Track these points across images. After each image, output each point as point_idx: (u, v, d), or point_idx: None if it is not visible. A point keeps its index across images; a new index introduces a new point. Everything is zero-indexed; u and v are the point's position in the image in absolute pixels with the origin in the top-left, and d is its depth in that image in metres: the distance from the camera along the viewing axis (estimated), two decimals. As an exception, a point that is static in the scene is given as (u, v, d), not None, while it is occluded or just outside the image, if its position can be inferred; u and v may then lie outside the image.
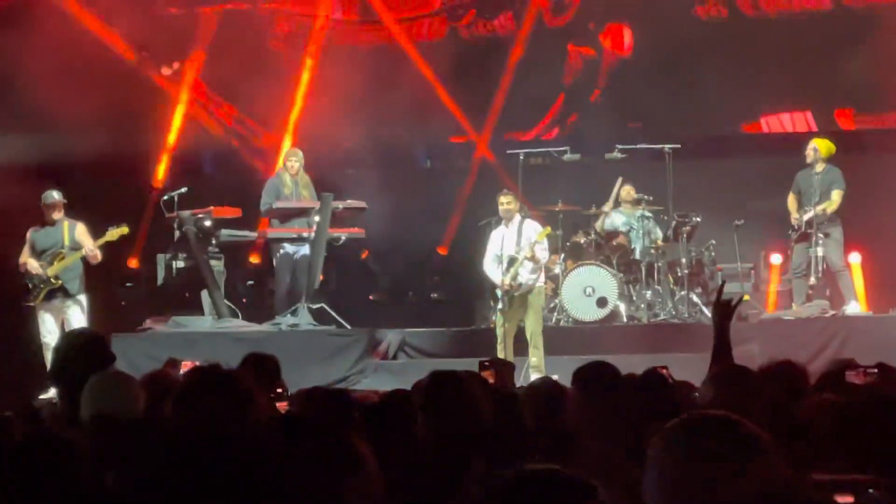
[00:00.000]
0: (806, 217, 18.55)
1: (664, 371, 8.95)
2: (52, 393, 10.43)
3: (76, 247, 17.65)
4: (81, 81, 20.67)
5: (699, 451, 3.96)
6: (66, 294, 17.64)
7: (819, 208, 18.55)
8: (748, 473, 3.91)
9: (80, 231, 17.76)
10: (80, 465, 5.27)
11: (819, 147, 18.82)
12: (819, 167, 18.74)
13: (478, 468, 6.28)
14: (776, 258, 20.49)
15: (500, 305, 17.51)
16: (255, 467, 4.32)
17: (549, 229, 17.86)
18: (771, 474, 3.93)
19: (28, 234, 18.02)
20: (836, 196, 18.50)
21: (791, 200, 18.90)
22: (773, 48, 22.98)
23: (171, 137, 23.18)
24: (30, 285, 17.77)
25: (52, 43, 20.76)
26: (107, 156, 21.02)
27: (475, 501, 3.87)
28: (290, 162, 19.29)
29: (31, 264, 17.64)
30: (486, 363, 10.49)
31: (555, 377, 9.62)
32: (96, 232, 18.02)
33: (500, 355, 16.90)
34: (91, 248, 17.59)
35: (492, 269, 17.63)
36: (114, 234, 17.80)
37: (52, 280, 17.61)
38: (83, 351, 8.12)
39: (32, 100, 20.41)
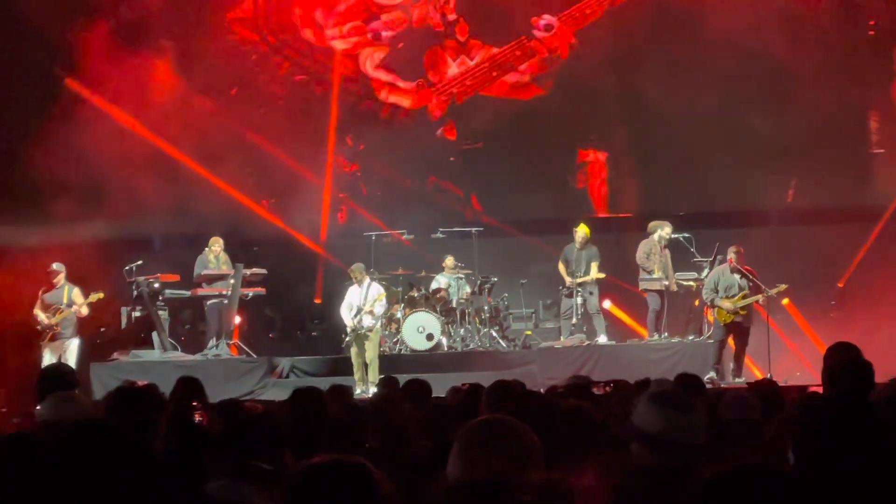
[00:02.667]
0: (577, 282, 20.58)
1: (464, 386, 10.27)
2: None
3: (72, 304, 19.71)
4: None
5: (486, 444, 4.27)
6: (65, 337, 19.74)
7: (587, 277, 20.61)
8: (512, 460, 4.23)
9: (76, 293, 19.79)
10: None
11: (583, 231, 20.89)
12: (580, 245, 20.85)
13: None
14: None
15: (347, 339, 19.83)
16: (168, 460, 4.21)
17: (384, 293, 19.96)
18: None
19: (39, 293, 19.70)
20: (594, 268, 20.70)
21: (561, 267, 20.81)
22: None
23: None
24: (39, 329, 19.73)
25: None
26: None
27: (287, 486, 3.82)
28: (214, 247, 21.10)
29: (40, 315, 19.63)
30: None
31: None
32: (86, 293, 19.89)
33: (356, 375, 19.42)
34: (82, 306, 19.73)
35: (345, 314, 19.99)
36: (93, 297, 19.89)
37: (55, 327, 19.69)
38: (52, 378, 8.66)
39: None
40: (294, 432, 7.04)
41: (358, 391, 18.13)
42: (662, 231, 20.60)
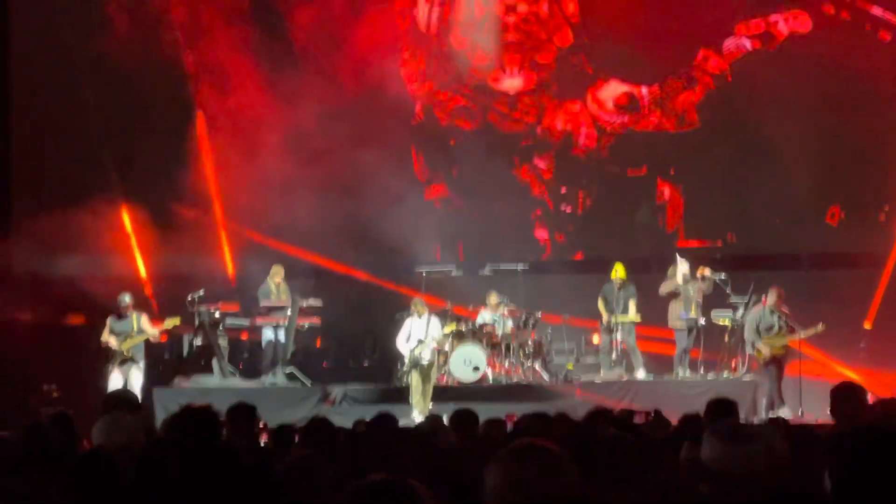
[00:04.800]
0: (615, 319, 20.60)
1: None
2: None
3: (141, 331, 19.71)
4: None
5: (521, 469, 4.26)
6: (133, 362, 19.73)
7: (624, 318, 20.58)
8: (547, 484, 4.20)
9: (145, 321, 19.78)
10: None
11: (620, 270, 20.88)
12: (619, 285, 20.83)
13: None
14: (596, 338, 21.75)
15: (406, 366, 19.85)
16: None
17: (453, 325, 20.11)
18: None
19: (108, 321, 19.75)
20: (633, 306, 20.66)
21: (600, 304, 20.80)
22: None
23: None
24: (109, 355, 19.65)
25: None
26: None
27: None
28: (276, 277, 21.01)
29: (111, 342, 19.61)
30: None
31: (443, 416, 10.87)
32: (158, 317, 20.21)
33: (415, 400, 19.36)
34: (156, 333, 19.82)
35: (402, 345, 19.95)
36: (169, 323, 20.02)
37: (125, 353, 19.66)
38: (115, 402, 8.71)
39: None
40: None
41: (419, 418, 17.80)
42: (682, 267, 20.58)
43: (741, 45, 23.08)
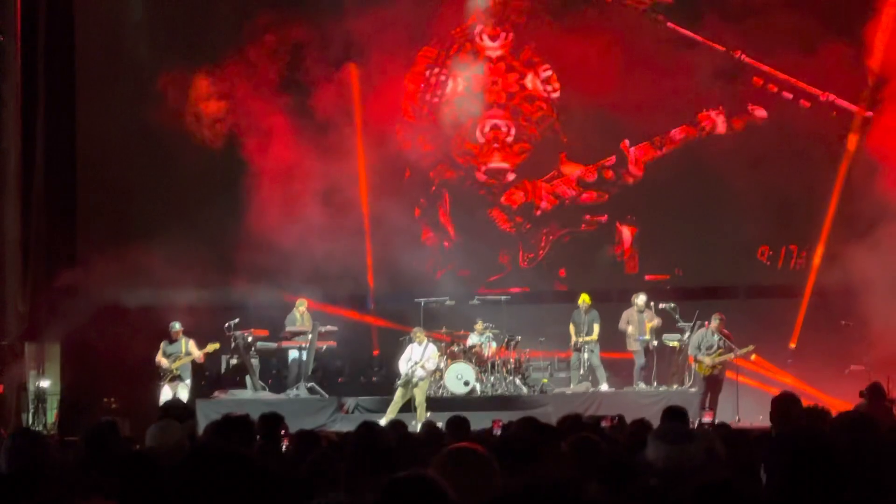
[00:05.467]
0: (581, 340, 20.85)
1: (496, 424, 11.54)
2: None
3: (189, 353, 20.04)
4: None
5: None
6: (181, 379, 20.01)
7: (588, 338, 20.84)
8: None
9: (192, 344, 20.09)
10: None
11: (586, 300, 21.13)
12: (585, 310, 21.04)
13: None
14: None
15: (399, 382, 19.87)
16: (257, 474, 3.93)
17: (437, 354, 20.12)
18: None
19: (161, 345, 20.02)
20: (596, 329, 20.89)
21: (571, 328, 21.01)
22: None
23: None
24: (161, 373, 19.97)
25: None
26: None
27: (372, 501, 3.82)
28: (301, 307, 21.22)
29: (164, 362, 19.93)
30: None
31: (438, 424, 10.91)
32: (201, 342, 20.20)
33: (392, 409, 19.47)
34: (200, 356, 20.06)
35: (402, 365, 20.05)
36: (210, 347, 20.31)
37: (175, 371, 19.94)
38: (170, 410, 8.80)
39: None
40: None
41: (384, 421, 17.79)
42: (637, 300, 20.81)
43: (694, 126, 23.41)
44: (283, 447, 9.27)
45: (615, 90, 22.18)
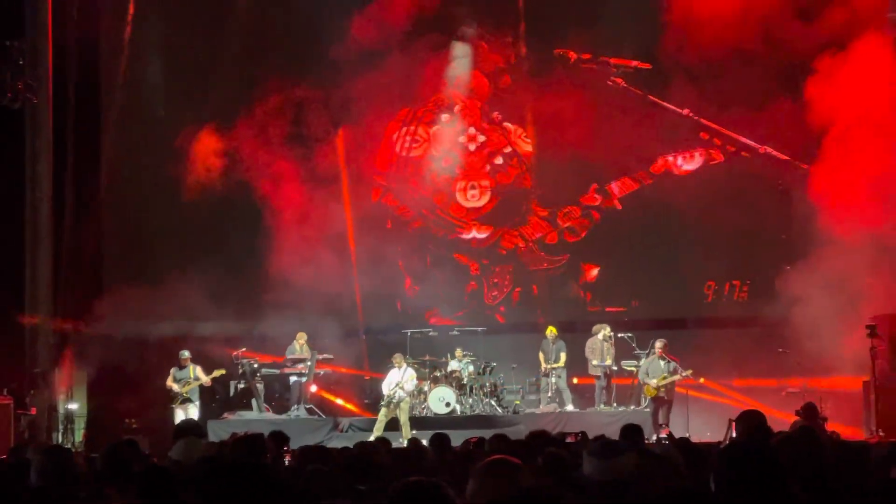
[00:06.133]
0: (549, 366, 20.84)
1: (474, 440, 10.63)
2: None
3: (197, 378, 19.87)
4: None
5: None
6: (191, 402, 19.82)
7: (556, 364, 20.80)
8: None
9: (199, 370, 19.95)
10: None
11: (553, 331, 21.17)
12: (552, 340, 21.06)
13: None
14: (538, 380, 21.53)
15: (382, 403, 19.82)
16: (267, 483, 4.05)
17: (415, 375, 20.12)
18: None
19: (171, 370, 19.90)
20: (563, 356, 20.87)
21: (540, 356, 20.98)
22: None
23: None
24: (172, 396, 19.85)
25: None
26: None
27: None
28: (300, 340, 21.00)
29: (174, 387, 19.79)
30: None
31: (423, 441, 10.77)
32: (209, 368, 20.12)
33: (378, 427, 19.29)
34: (207, 380, 19.90)
35: (385, 388, 20.04)
36: (217, 373, 20.19)
37: (184, 394, 19.81)
38: (186, 429, 8.89)
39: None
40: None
41: (372, 438, 17.81)
42: (605, 331, 20.76)
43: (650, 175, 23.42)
44: (287, 461, 9.31)
45: (584, 141, 22.23)
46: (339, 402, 22.64)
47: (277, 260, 22.11)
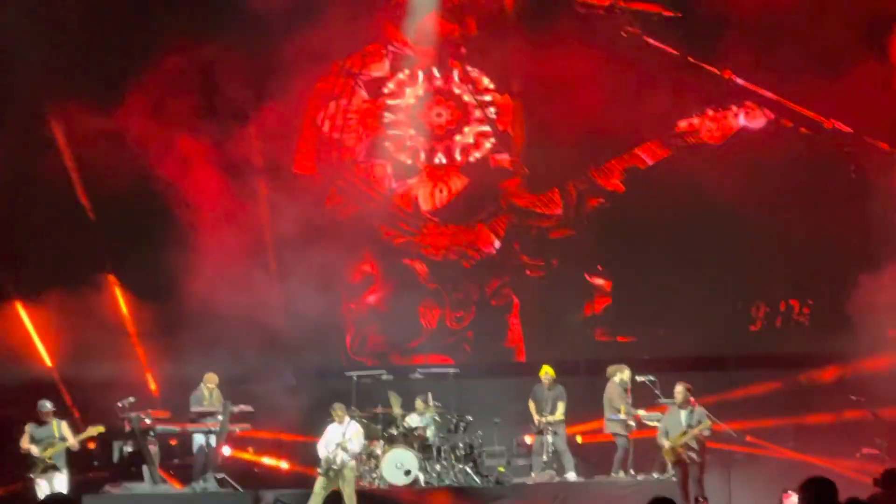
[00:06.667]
0: (544, 420, 20.72)
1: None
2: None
3: (63, 438, 19.33)
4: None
5: None
6: (56, 469, 19.25)
7: (552, 417, 20.74)
8: None
9: (65, 427, 19.48)
10: None
11: (549, 373, 21.06)
12: (548, 385, 20.99)
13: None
14: (528, 440, 21.77)
15: (320, 471, 19.54)
16: None
17: (361, 432, 19.78)
18: None
19: (27, 428, 19.40)
20: (561, 407, 20.84)
21: (531, 405, 20.96)
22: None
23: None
24: (29, 463, 19.28)
25: None
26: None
27: None
28: (209, 383, 21.01)
29: (33, 450, 19.23)
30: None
31: None
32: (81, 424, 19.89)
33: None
34: (75, 443, 19.38)
35: (321, 449, 19.76)
36: (93, 431, 19.58)
37: (47, 460, 19.20)
38: None
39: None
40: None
41: None
42: (623, 375, 20.68)
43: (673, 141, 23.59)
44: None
45: (585, 108, 22.44)
46: (267, 461, 22.72)
47: (180, 273, 22.26)
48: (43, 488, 19.15)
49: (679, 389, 19.13)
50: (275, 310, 22.93)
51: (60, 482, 19.39)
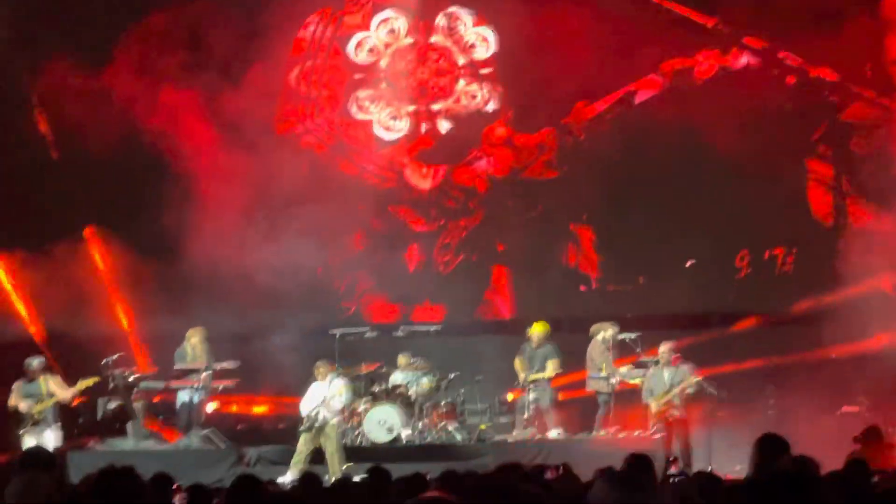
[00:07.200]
0: (530, 378, 20.63)
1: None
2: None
3: (52, 394, 19.41)
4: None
5: None
6: (47, 424, 19.31)
7: (538, 375, 20.63)
8: None
9: (54, 383, 19.53)
10: None
11: (538, 330, 21.01)
12: (537, 343, 20.91)
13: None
14: (510, 397, 21.66)
15: (301, 428, 19.54)
16: None
17: (344, 388, 19.74)
18: None
19: (15, 385, 19.54)
20: (551, 365, 20.70)
21: (517, 363, 20.81)
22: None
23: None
24: (20, 420, 19.37)
25: None
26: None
27: None
28: (193, 339, 21.07)
29: (22, 406, 19.34)
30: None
31: (355, 479, 10.77)
32: (71, 379, 19.81)
33: (296, 460, 19.24)
34: (68, 396, 19.55)
35: (304, 407, 19.75)
36: (83, 384, 19.73)
37: (36, 416, 19.31)
38: (31, 459, 8.41)
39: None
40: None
41: (289, 479, 17.88)
42: (606, 333, 20.65)
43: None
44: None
45: (570, 44, 22.55)
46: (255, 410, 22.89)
47: (172, 230, 22.31)
48: (29, 444, 18.76)
49: (663, 349, 19.46)
50: (265, 266, 22.83)
51: (49, 438, 19.35)
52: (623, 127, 23.48)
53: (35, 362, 19.78)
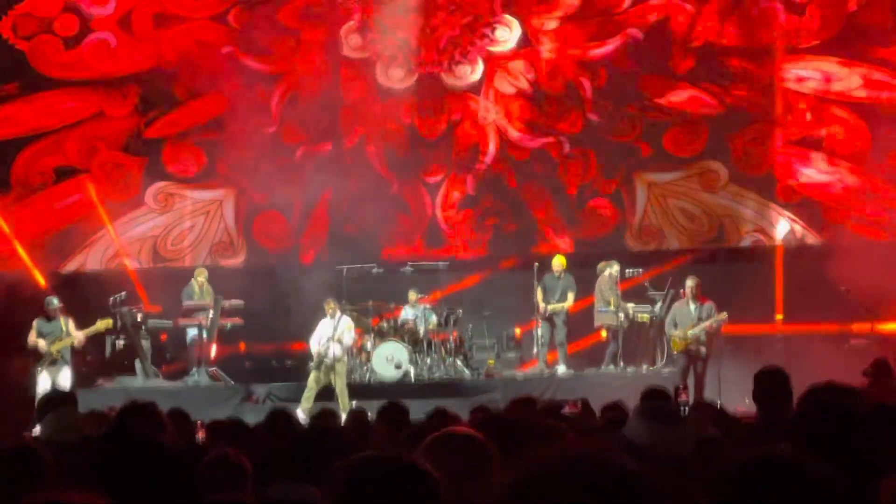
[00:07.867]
0: (550, 309, 20.72)
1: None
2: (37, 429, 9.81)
3: (69, 334, 19.71)
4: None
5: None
6: (64, 362, 19.68)
7: (559, 305, 20.72)
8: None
9: (72, 325, 19.82)
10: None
11: (561, 262, 21.13)
12: (558, 274, 20.97)
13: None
14: (518, 332, 22.08)
15: (311, 365, 19.75)
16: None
17: (353, 324, 20.06)
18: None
19: (34, 323, 19.74)
20: (571, 296, 20.77)
21: (538, 293, 20.74)
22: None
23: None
24: (37, 357, 19.62)
25: None
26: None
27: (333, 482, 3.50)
28: (199, 277, 21.33)
29: (40, 343, 19.60)
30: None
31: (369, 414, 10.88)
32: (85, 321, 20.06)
33: (306, 396, 19.44)
34: (82, 337, 19.86)
35: (313, 344, 19.92)
36: (102, 325, 20.14)
37: (55, 354, 19.63)
38: (54, 401, 8.94)
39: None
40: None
41: (302, 416, 17.82)
42: (612, 269, 20.67)
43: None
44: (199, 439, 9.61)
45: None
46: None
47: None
48: (45, 381, 19.44)
49: (690, 284, 19.48)
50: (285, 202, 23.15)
51: (64, 376, 19.66)
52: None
53: (55, 302, 19.95)
